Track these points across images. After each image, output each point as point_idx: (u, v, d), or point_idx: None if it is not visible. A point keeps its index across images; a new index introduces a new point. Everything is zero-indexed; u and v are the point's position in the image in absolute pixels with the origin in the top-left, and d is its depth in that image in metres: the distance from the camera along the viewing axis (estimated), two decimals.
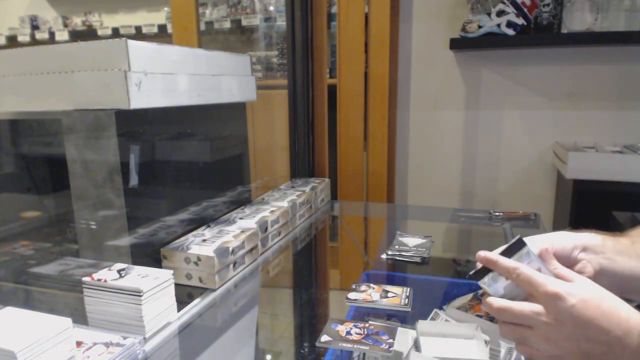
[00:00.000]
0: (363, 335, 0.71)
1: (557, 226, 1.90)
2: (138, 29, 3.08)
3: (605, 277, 0.65)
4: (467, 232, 1.45)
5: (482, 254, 0.63)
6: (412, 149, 2.09)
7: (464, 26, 1.76)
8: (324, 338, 0.70)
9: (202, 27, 2.81)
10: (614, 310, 0.54)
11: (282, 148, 1.85)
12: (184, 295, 0.90)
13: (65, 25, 3.35)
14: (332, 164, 1.90)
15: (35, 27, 3.38)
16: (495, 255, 0.62)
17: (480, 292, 0.84)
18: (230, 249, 0.96)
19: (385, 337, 0.70)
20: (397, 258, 1.11)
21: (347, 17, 1.84)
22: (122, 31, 3.12)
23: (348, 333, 0.71)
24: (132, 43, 0.84)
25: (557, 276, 0.59)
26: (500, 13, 1.71)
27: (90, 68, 0.85)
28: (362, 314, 0.84)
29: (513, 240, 0.63)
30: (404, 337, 0.72)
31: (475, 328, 0.71)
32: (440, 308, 0.82)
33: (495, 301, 0.59)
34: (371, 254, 1.25)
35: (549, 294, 0.55)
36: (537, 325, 0.56)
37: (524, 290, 0.59)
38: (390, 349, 0.68)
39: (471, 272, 0.64)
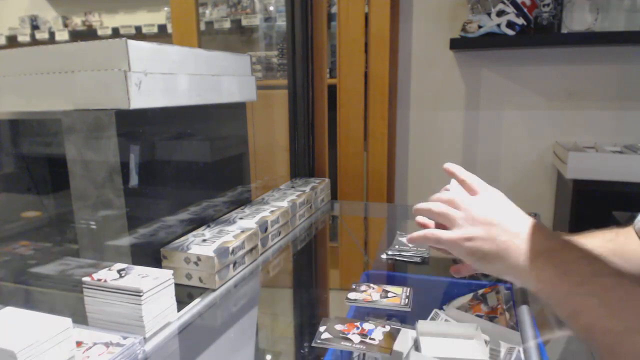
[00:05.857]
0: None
1: (557, 226, 1.90)
2: (138, 29, 3.08)
3: None
4: None
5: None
6: (412, 149, 2.09)
7: (464, 26, 1.76)
8: (324, 336, 0.70)
9: (202, 27, 2.81)
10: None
11: (282, 148, 1.85)
12: (184, 295, 0.89)
13: (65, 25, 3.35)
14: (332, 164, 1.90)
15: (35, 27, 3.38)
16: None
17: (480, 291, 0.84)
18: (230, 249, 0.96)
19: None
20: (397, 258, 1.11)
21: (347, 17, 1.84)
22: (122, 31, 3.12)
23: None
24: (132, 43, 0.84)
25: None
26: (500, 13, 1.71)
27: (90, 68, 0.85)
28: (362, 314, 0.84)
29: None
30: (404, 337, 0.72)
31: (475, 328, 0.71)
32: (440, 308, 0.82)
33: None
34: (371, 254, 1.25)
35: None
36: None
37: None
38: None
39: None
